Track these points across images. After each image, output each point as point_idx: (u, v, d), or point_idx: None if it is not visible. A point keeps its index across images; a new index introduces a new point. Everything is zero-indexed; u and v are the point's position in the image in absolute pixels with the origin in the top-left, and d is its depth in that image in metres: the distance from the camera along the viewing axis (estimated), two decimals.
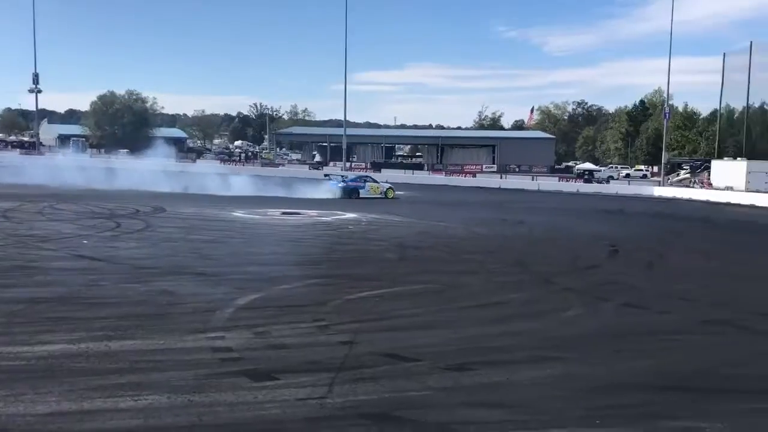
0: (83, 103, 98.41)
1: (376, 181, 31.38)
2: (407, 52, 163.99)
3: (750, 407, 5.02)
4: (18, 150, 62.68)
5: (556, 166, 72.51)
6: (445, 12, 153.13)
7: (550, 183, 47.76)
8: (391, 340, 6.46)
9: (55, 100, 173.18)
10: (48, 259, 10.46)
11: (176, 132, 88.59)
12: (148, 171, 38.10)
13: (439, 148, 75.37)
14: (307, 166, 59.55)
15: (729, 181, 43.60)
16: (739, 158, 47.57)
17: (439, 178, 50.03)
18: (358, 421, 4.38)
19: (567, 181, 49.51)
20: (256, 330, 6.55)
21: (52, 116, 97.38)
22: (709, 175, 48.20)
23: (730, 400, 5.21)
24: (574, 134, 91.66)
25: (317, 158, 69.00)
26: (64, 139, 74.77)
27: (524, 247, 14.60)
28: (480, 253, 13.25)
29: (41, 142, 66.15)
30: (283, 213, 19.97)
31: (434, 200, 30.26)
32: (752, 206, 34.93)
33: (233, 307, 7.49)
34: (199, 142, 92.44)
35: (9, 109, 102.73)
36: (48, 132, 79.19)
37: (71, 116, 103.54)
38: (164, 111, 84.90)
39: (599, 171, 58.31)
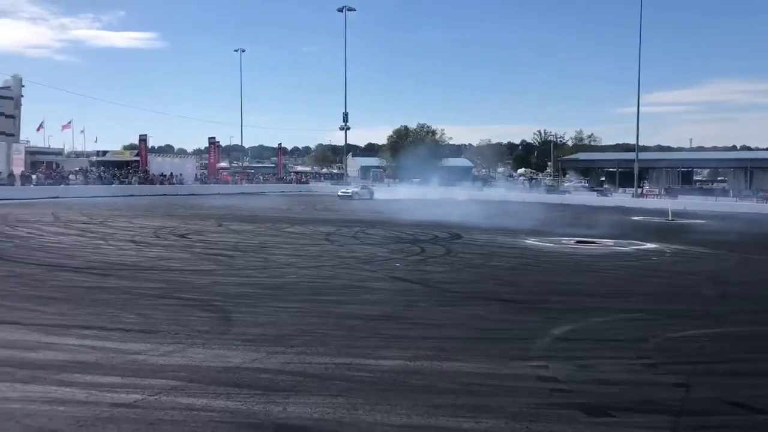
0: (381, 137, 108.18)
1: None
2: (705, 68, 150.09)
3: None
4: (328, 181, 70.96)
5: None
6: (749, 21, 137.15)
7: None
8: (732, 387, 5.83)
9: (357, 136, 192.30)
10: (370, 279, 11.54)
11: (463, 161, 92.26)
12: (443, 199, 40.12)
13: (747, 172, 67.23)
14: (594, 192, 57.56)
15: None
16: None
17: (751, 206, 44.46)
18: None
19: None
20: (578, 362, 6.42)
21: (355, 150, 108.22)
22: None
23: None
24: None
25: (605, 185, 66.26)
26: (365, 170, 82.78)
27: None
28: None
29: (347, 174, 73.87)
30: (578, 242, 19.47)
31: (749, 231, 26.98)
32: None
33: (549, 337, 7.45)
34: (483, 170, 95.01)
35: (321, 145, 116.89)
36: (352, 164, 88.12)
37: (370, 149, 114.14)
38: (452, 142, 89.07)
39: None
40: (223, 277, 11.51)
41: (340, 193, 49.76)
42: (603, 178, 70.41)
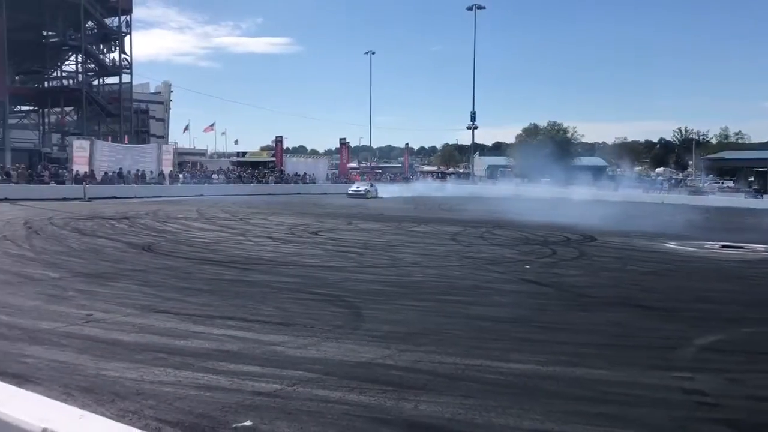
0: (509, 136, 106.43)
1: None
2: None
3: None
4: (454, 180, 70.97)
5: None
6: None
7: None
8: None
9: (484, 135, 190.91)
10: (499, 281, 11.39)
11: (596, 160, 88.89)
12: (569, 199, 38.92)
13: None
14: (742, 194, 53.47)
15: None
16: None
17: None
18: None
19: None
20: (726, 375, 5.99)
21: (482, 149, 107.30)
22: None
23: None
24: None
25: (755, 185, 61.35)
26: (492, 169, 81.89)
27: None
28: None
29: (474, 173, 73.50)
30: (723, 246, 18.15)
31: None
32: None
33: (693, 347, 7.00)
34: (618, 169, 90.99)
35: (447, 144, 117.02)
36: (479, 164, 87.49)
37: (497, 148, 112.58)
38: (584, 140, 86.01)
39: None
40: (354, 273, 11.80)
41: (350, 192, 45.70)
42: (752, 179, 65.28)
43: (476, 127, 65.65)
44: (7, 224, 19.31)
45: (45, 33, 53.34)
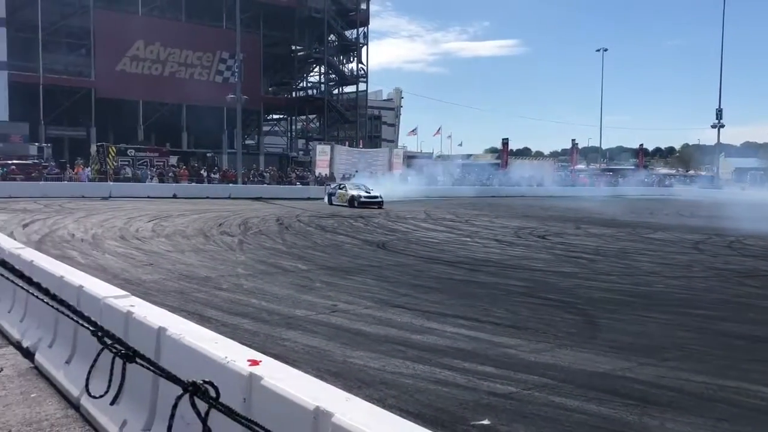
0: (761, 135, 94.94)
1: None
2: None
3: None
4: (696, 184, 65.16)
5: None
6: None
7: None
8: None
9: (731, 134, 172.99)
10: (753, 296, 10.26)
11: None
12: None
13: None
14: None
15: None
16: None
17: None
18: None
19: None
20: None
21: (728, 150, 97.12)
22: None
23: None
24: None
25: None
26: (740, 172, 73.84)
27: None
28: None
29: (719, 176, 66.95)
30: None
31: None
32: None
33: None
34: None
35: (687, 145, 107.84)
36: (725, 165, 79.33)
37: (747, 149, 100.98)
38: None
39: None
40: (586, 280, 11.38)
41: (362, 199, 30.76)
42: None
43: (722, 126, 59.64)
44: (263, 221, 21.65)
45: (293, 47, 58.76)
